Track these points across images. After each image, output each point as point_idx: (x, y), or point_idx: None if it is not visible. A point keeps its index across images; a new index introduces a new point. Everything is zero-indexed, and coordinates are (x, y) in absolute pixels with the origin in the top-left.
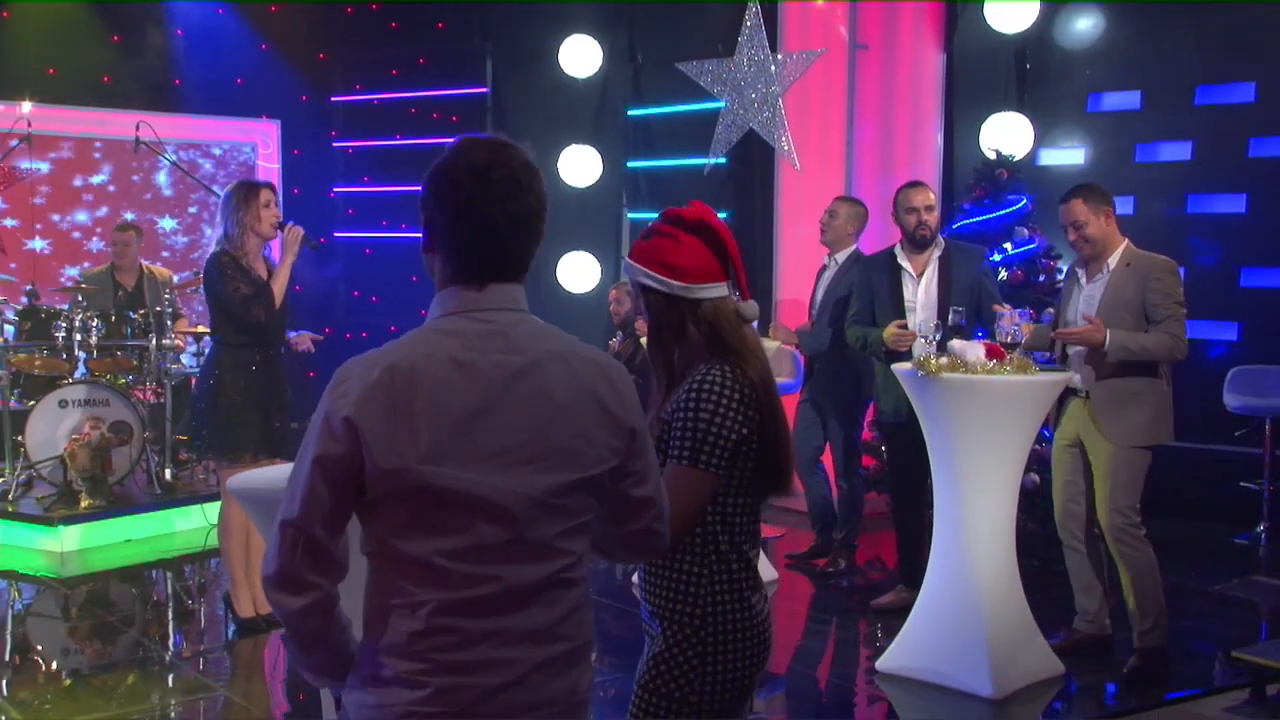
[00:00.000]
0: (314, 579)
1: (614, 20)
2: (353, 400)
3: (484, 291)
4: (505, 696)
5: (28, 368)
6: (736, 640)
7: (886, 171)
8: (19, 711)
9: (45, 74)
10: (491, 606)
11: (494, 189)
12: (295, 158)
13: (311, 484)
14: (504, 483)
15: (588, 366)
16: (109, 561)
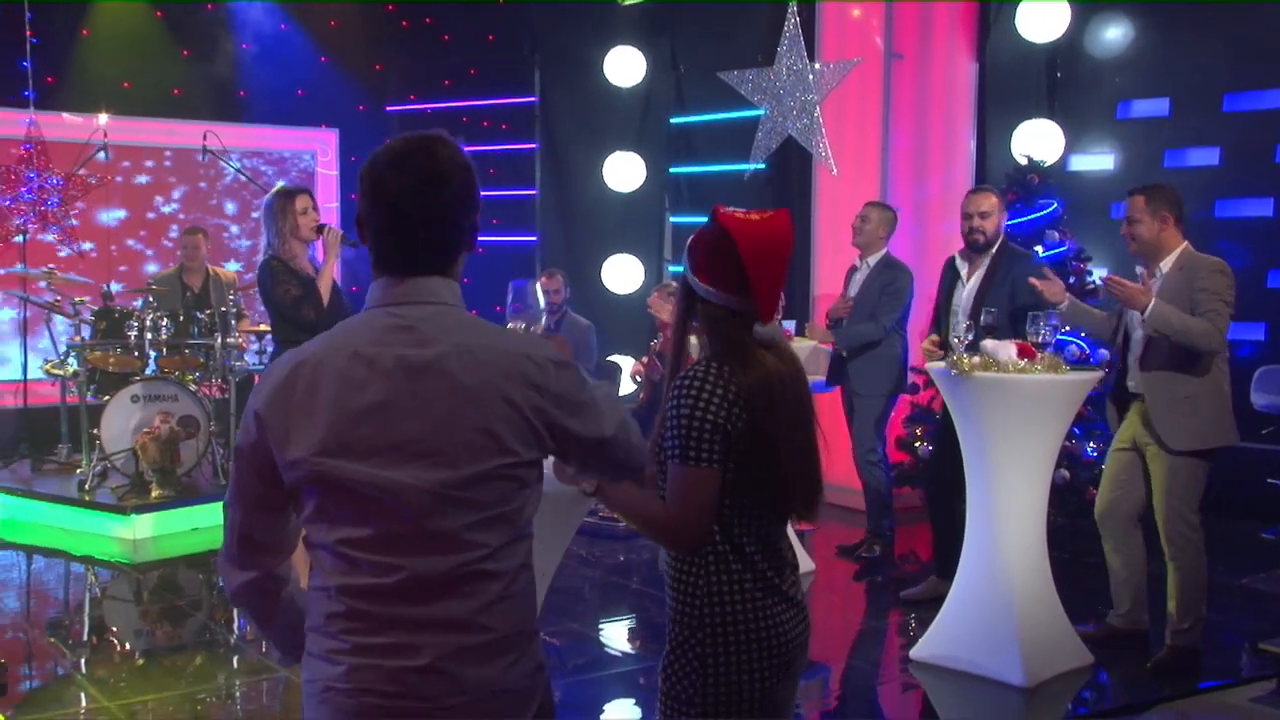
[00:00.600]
0: (251, 559)
1: (657, 31)
2: (263, 395)
3: (402, 284)
4: (415, 680)
5: (103, 365)
6: (739, 645)
7: (921, 177)
8: (97, 689)
9: (120, 87)
10: (398, 595)
11: (405, 182)
12: (353, 164)
13: (238, 471)
14: (400, 476)
15: (497, 358)
16: (177, 548)
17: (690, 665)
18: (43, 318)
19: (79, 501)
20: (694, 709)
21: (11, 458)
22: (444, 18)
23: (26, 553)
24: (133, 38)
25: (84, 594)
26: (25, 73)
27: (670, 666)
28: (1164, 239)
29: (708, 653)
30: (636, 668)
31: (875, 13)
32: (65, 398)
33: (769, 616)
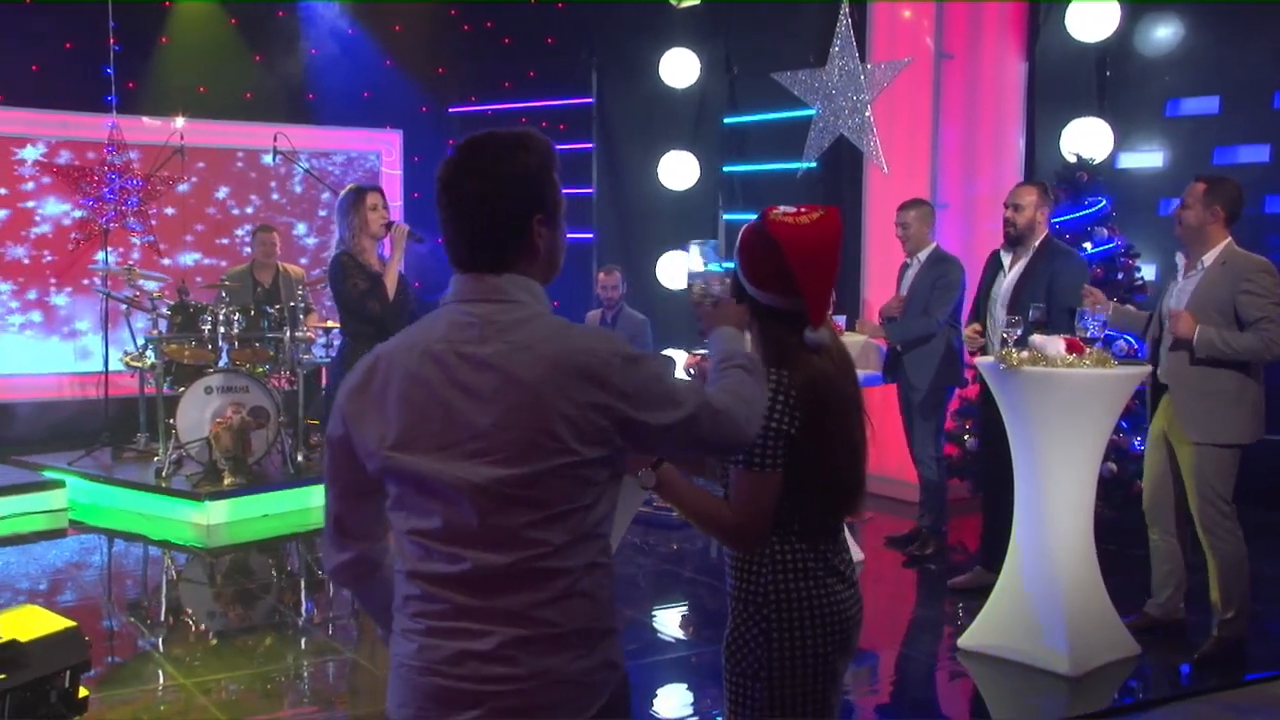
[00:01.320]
0: (346, 541)
1: (711, 34)
2: (345, 390)
3: (474, 281)
4: (477, 664)
5: (178, 357)
6: (803, 620)
7: (970, 174)
8: (174, 666)
9: (196, 92)
10: (464, 584)
11: (466, 180)
12: (416, 164)
13: (330, 459)
14: (460, 472)
15: (559, 356)
16: (248, 534)
17: (756, 639)
18: (122, 313)
19: (156, 488)
20: (760, 681)
21: (93, 446)
22: (505, 22)
23: (107, 536)
24: (208, 44)
25: (161, 576)
26: (109, 79)
27: (736, 641)
28: (1209, 231)
29: (773, 626)
30: (689, 653)
31: (926, 13)
32: (144, 389)
33: (830, 593)
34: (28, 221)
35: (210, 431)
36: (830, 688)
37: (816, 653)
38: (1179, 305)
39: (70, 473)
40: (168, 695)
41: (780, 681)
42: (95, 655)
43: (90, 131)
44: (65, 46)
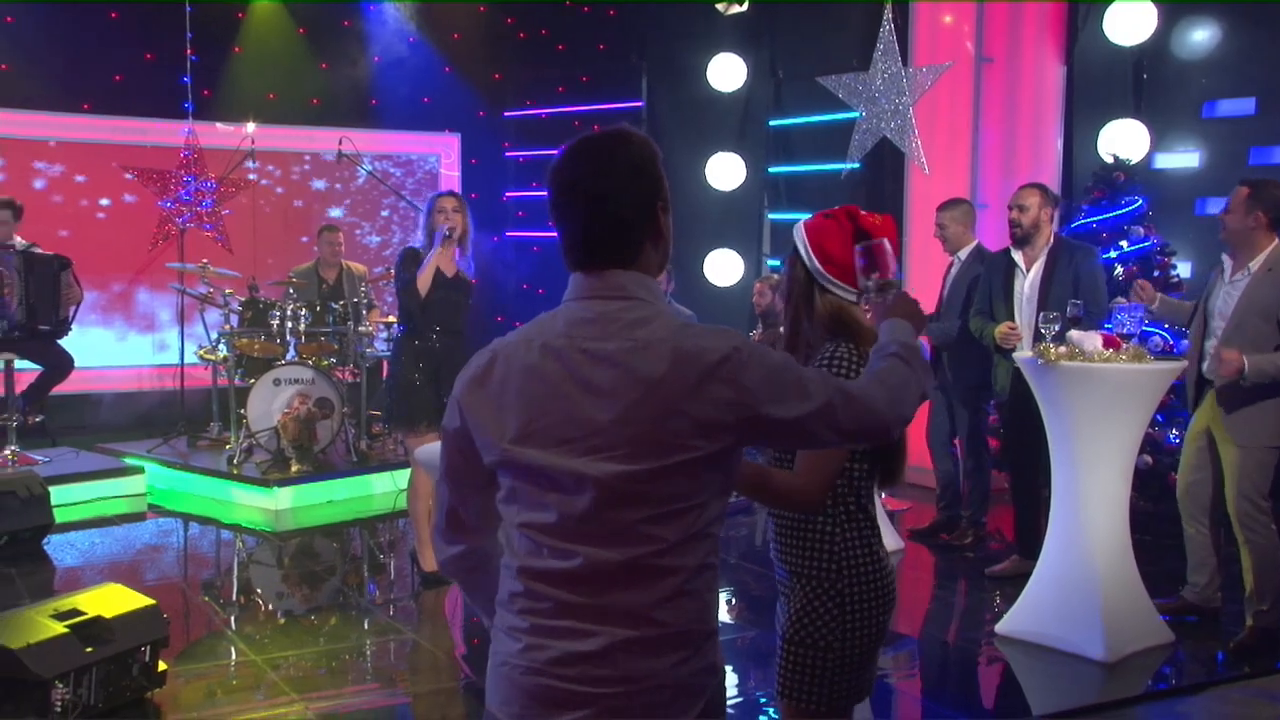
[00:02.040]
0: (461, 533)
1: (757, 39)
2: (463, 383)
3: (592, 278)
4: (585, 664)
5: (249, 351)
6: (868, 589)
7: (1009, 175)
8: (245, 643)
9: (266, 98)
10: (575, 581)
11: (577, 178)
12: (473, 166)
13: (446, 452)
14: (579, 466)
15: (680, 352)
16: (314, 519)
17: (830, 613)
18: (197, 308)
19: (228, 475)
20: (832, 653)
21: (170, 434)
22: (558, 29)
23: (183, 520)
24: (278, 53)
25: (233, 558)
26: (185, 87)
27: (806, 615)
28: (1254, 236)
29: (848, 602)
30: (734, 636)
31: (966, 18)
32: (216, 381)
33: (884, 561)
34: (111, 222)
35: (278, 421)
36: (878, 649)
37: (880, 626)
38: (1225, 309)
39: (149, 460)
40: (239, 670)
41: (851, 649)
42: (172, 632)
43: (168, 137)
44: (145, 57)
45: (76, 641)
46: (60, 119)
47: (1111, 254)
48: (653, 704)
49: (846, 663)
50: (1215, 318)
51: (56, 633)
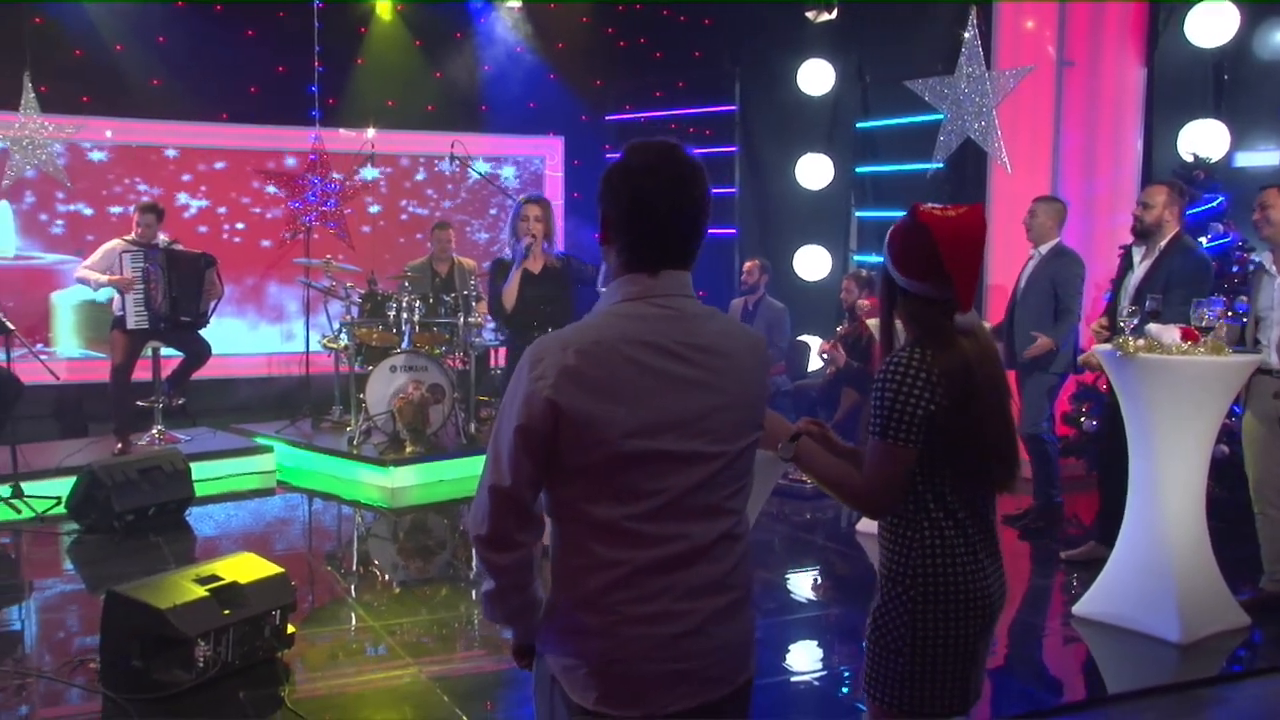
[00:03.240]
0: (520, 538)
1: (845, 45)
2: (551, 381)
3: (657, 278)
4: (686, 642)
5: (368, 340)
6: (945, 599)
7: (1090, 174)
8: (364, 610)
9: (385, 105)
10: (674, 564)
11: (662, 186)
12: (576, 168)
13: (515, 453)
14: (691, 450)
15: (748, 346)
16: (426, 497)
17: (901, 617)
18: (321, 300)
19: (348, 454)
20: (903, 656)
21: (296, 417)
22: (656, 37)
23: (308, 496)
24: (397, 64)
25: (352, 532)
26: (313, 96)
27: (882, 617)
28: None
29: (918, 607)
30: (820, 613)
31: (1048, 23)
32: (338, 367)
33: (975, 578)
34: (245, 221)
35: (394, 405)
36: (969, 668)
37: (959, 636)
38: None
39: (278, 440)
40: (359, 635)
41: (921, 660)
42: (299, 598)
43: (296, 142)
44: (277, 70)
45: (215, 604)
46: (202, 127)
47: None
48: (737, 662)
49: (922, 670)
50: (1275, 308)
51: (198, 596)
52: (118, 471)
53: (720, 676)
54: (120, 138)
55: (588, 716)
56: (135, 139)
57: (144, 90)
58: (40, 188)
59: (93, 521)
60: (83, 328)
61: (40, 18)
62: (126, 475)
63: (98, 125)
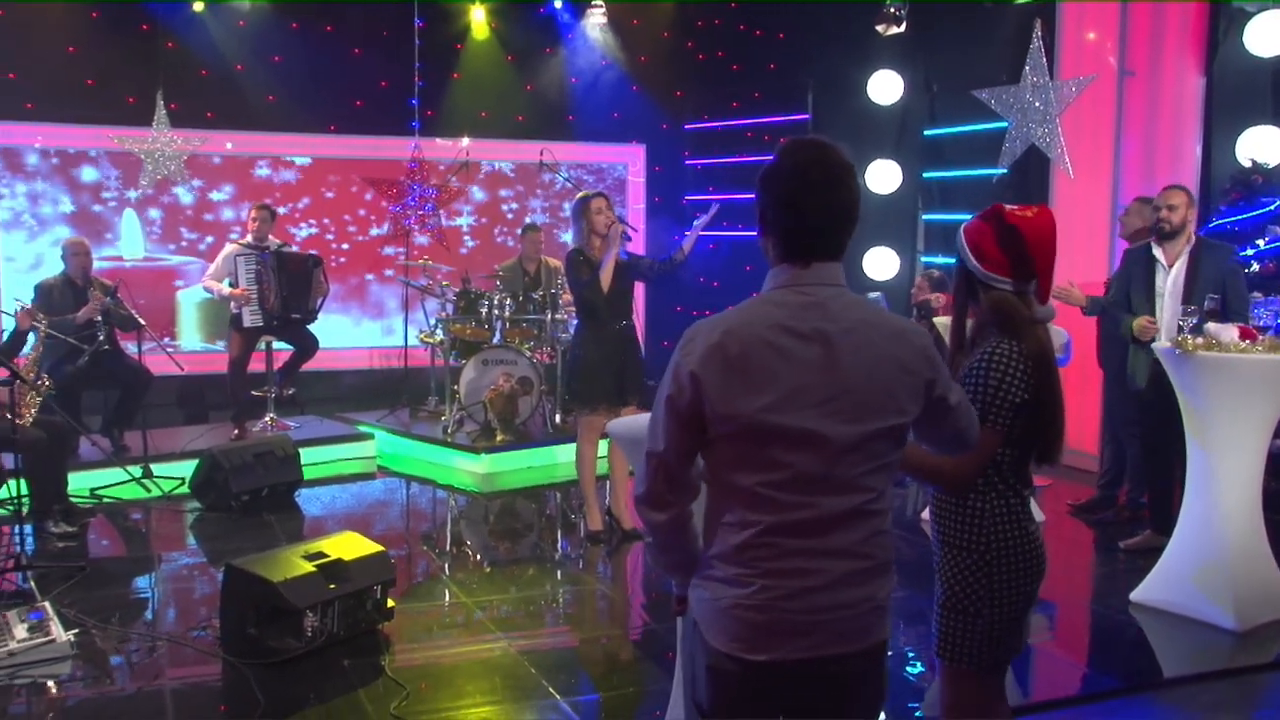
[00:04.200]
0: (672, 498)
1: (913, 57)
2: (697, 357)
3: (807, 269)
4: (812, 598)
5: (462, 335)
6: (1015, 560)
7: (1149, 178)
8: (457, 588)
9: (479, 116)
10: (805, 529)
11: (814, 183)
12: (656, 173)
13: (666, 421)
14: (820, 428)
15: (892, 333)
16: (515, 482)
17: (979, 580)
18: (419, 298)
19: (443, 442)
20: (982, 617)
21: (395, 406)
22: (733, 51)
23: (406, 480)
24: (490, 78)
25: (446, 514)
26: (413, 109)
27: (957, 583)
28: None
29: (994, 570)
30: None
31: (1109, 34)
32: (434, 360)
33: (1033, 537)
34: (350, 224)
35: (486, 397)
36: (1028, 613)
37: (1026, 591)
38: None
39: (378, 428)
40: (452, 611)
41: (1000, 617)
42: (398, 574)
43: (397, 151)
44: (380, 84)
45: (322, 579)
46: (312, 139)
47: (1248, 251)
48: (867, 624)
49: (996, 626)
50: None
51: (307, 571)
52: (235, 455)
53: (847, 633)
54: (239, 149)
55: (721, 658)
56: (252, 149)
57: (261, 105)
58: (167, 195)
59: (212, 501)
60: (204, 324)
61: (172, 42)
62: (242, 459)
63: (219, 138)
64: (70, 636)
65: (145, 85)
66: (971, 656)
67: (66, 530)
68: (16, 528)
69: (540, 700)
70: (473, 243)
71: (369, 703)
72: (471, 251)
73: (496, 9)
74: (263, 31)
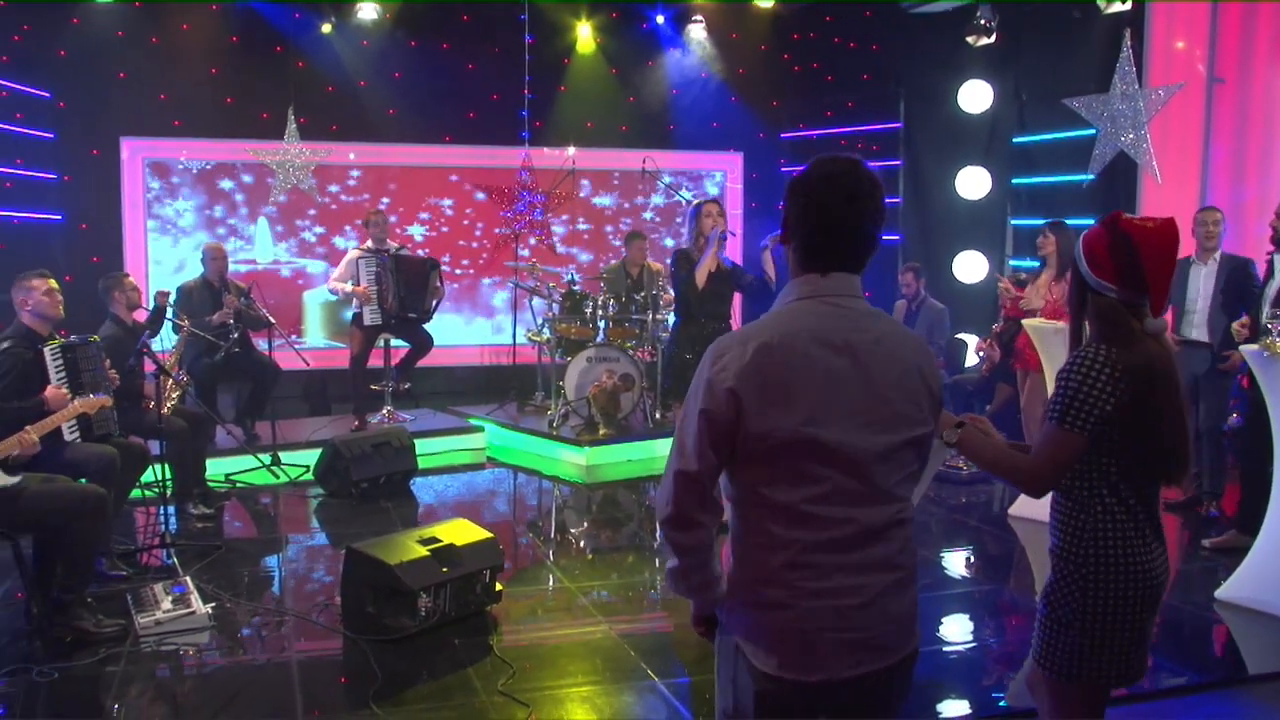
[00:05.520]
0: (701, 518)
1: (1002, 67)
2: (733, 373)
3: (828, 279)
4: (859, 614)
5: (567, 334)
6: (1116, 580)
7: (1238, 184)
8: (561, 573)
9: (585, 127)
10: (845, 544)
11: (839, 196)
12: (753, 180)
13: (699, 439)
14: (858, 440)
15: (913, 345)
16: (616, 474)
17: (1073, 593)
18: (527, 298)
19: (548, 435)
20: (1073, 629)
21: (504, 400)
22: (827, 63)
23: (513, 471)
24: (595, 90)
25: (551, 504)
26: (523, 120)
27: (1056, 593)
28: None
29: (1089, 585)
30: (971, 589)
31: (1199, 42)
32: (540, 358)
33: (1143, 558)
34: (464, 229)
35: (589, 393)
36: (1134, 643)
37: (1125, 612)
38: None
39: (487, 420)
40: (556, 595)
41: (1090, 633)
42: (505, 560)
43: (508, 160)
44: (492, 97)
45: (435, 563)
46: (428, 149)
47: None
48: (905, 634)
49: (1090, 642)
50: None
51: (421, 555)
52: (355, 446)
53: (889, 645)
54: (361, 159)
55: (770, 681)
56: (373, 160)
57: (382, 118)
58: (295, 203)
59: (334, 487)
60: (327, 322)
61: (302, 62)
62: (362, 449)
63: (343, 149)
64: (208, 609)
65: (278, 102)
66: (1059, 667)
67: (204, 512)
68: (161, 509)
69: (638, 681)
70: (579, 246)
71: (477, 679)
72: (577, 254)
73: (602, 25)
74: (384, 50)
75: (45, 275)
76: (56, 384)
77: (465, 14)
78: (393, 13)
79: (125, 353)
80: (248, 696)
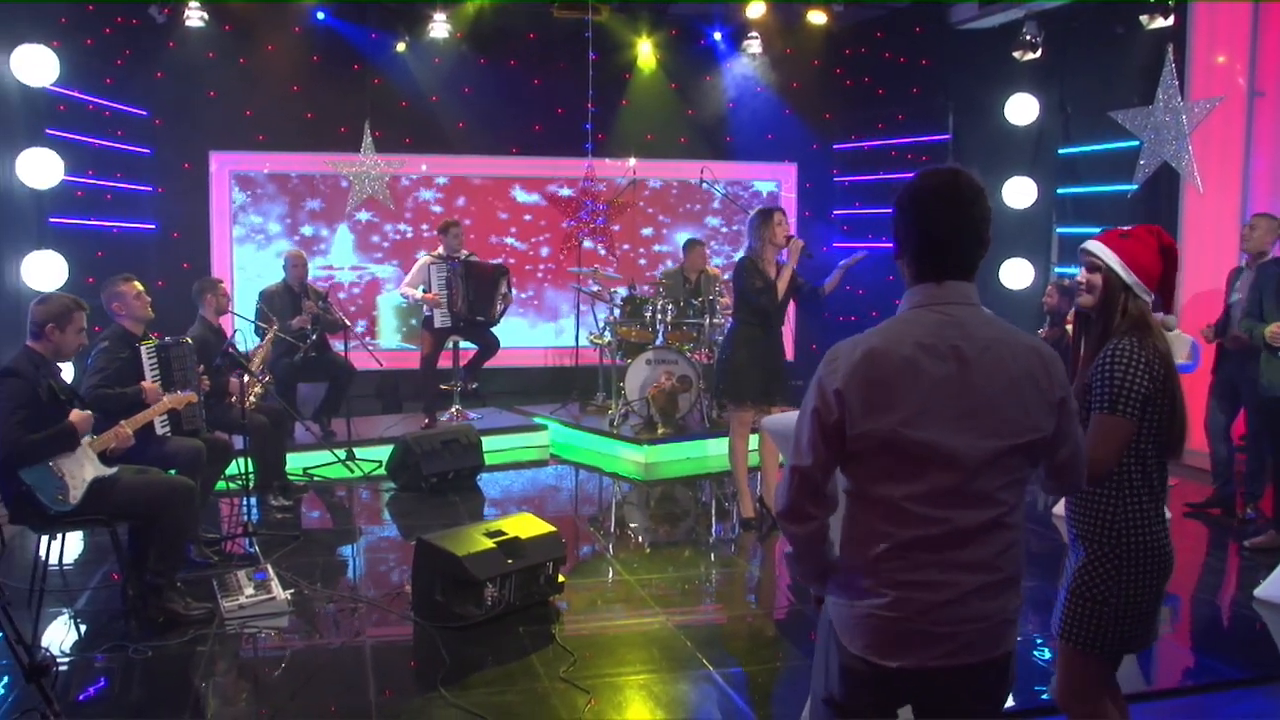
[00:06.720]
0: (814, 511)
1: (1048, 81)
2: (841, 375)
3: (941, 288)
4: (945, 609)
5: (627, 336)
6: (1145, 554)
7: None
8: (620, 566)
9: (645, 139)
10: (939, 543)
11: (946, 206)
12: (807, 190)
13: (812, 436)
14: (959, 443)
15: (1026, 351)
16: (673, 472)
17: (1109, 572)
18: (589, 303)
19: (609, 433)
20: (1108, 605)
21: (566, 400)
22: (878, 77)
23: (575, 468)
24: (655, 104)
25: (611, 499)
26: (587, 132)
27: (1087, 572)
28: None
29: (1124, 563)
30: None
31: (1239, 57)
32: (602, 360)
33: (1161, 534)
34: (528, 236)
35: (649, 393)
36: (1156, 609)
37: (1155, 586)
38: None
39: (550, 419)
40: (616, 587)
41: (1127, 607)
42: (567, 552)
43: (572, 170)
44: (557, 111)
45: (501, 554)
46: (497, 160)
47: None
48: (996, 636)
49: (1121, 616)
50: None
51: (487, 546)
52: (425, 442)
53: (975, 644)
54: (433, 170)
55: (855, 660)
56: (445, 171)
57: (453, 131)
58: (371, 212)
59: (405, 482)
60: (400, 325)
61: (378, 78)
62: (432, 445)
63: (415, 161)
64: (287, 595)
65: (354, 117)
66: (1092, 641)
67: (284, 503)
68: (244, 500)
69: (694, 670)
70: (639, 253)
71: (540, 666)
72: (637, 260)
73: (662, 42)
74: (455, 67)
75: (130, 279)
76: (151, 380)
77: (532, 32)
78: (463, 32)
79: (212, 353)
80: (323, 678)
